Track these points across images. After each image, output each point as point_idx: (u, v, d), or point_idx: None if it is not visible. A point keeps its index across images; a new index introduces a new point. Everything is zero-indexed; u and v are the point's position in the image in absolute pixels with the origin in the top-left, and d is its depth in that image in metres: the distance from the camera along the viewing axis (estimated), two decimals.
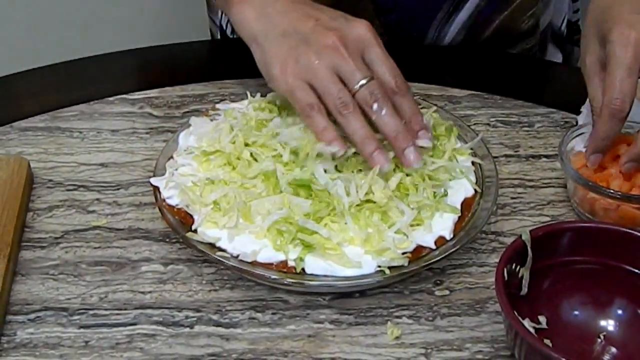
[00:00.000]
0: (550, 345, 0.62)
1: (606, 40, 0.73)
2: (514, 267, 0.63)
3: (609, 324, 0.65)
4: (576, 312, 0.65)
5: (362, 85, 0.72)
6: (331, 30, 0.74)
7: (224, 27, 1.09)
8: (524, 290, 0.64)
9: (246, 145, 0.74)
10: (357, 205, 0.69)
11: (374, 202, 0.69)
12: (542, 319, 0.64)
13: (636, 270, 0.64)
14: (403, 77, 0.74)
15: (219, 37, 1.13)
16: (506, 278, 0.61)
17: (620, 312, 0.65)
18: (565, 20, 1.09)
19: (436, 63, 1.00)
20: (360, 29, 0.74)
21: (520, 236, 0.63)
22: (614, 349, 0.63)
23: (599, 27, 0.75)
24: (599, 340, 0.64)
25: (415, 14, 0.99)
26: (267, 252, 0.67)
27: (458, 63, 1.00)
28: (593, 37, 0.76)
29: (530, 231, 0.63)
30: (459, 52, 1.02)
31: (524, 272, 0.63)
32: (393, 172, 0.71)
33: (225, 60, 1.01)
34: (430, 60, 1.01)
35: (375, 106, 0.71)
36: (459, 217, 0.71)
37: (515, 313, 0.59)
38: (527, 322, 0.61)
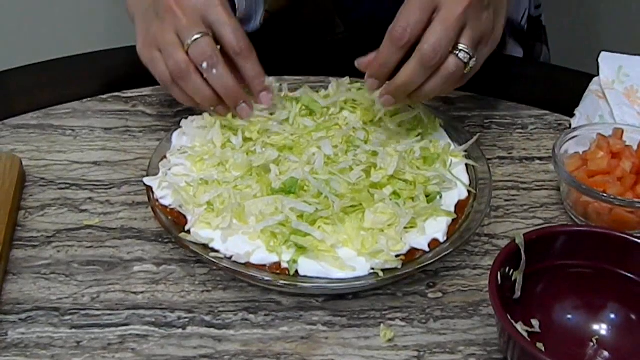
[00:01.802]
0: (543, 349, 0.62)
1: None
2: (507, 270, 0.63)
3: (601, 328, 0.65)
4: (569, 316, 0.65)
5: (195, 40, 0.74)
6: None
7: None
8: (517, 294, 0.64)
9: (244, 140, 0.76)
10: (351, 206, 0.69)
11: (369, 203, 0.69)
12: (535, 322, 0.64)
13: (629, 274, 0.64)
14: (247, 38, 0.76)
15: None
16: (499, 282, 0.61)
17: (612, 316, 0.65)
18: (526, 16, 1.09)
19: None
20: None
21: (514, 240, 0.63)
22: (606, 353, 0.64)
23: None
24: (592, 344, 0.64)
25: (374, 15, 0.99)
26: (260, 253, 0.67)
27: None
28: None
29: (524, 235, 0.63)
30: None
31: (517, 276, 0.63)
32: (387, 180, 0.71)
33: None
34: None
35: (204, 65, 0.74)
36: (453, 220, 0.71)
37: (509, 316, 0.59)
38: (520, 326, 0.61)
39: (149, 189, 0.73)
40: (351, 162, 0.73)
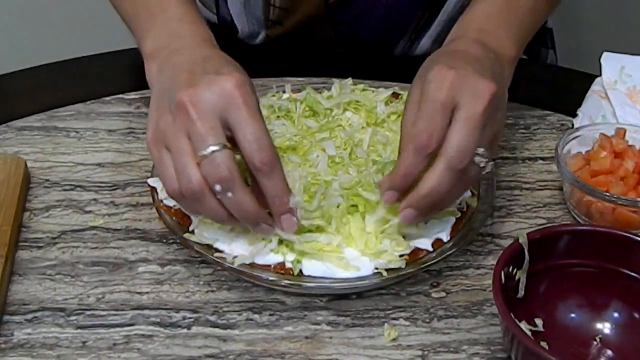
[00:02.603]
0: (547, 347, 0.62)
1: (424, 80, 0.67)
2: (510, 269, 0.63)
3: (605, 327, 0.65)
4: (572, 315, 0.66)
5: (209, 154, 0.61)
6: (189, 87, 0.63)
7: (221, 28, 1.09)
8: (521, 293, 0.64)
9: None
10: (352, 205, 0.69)
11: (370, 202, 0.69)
12: (538, 321, 0.64)
13: (632, 273, 0.64)
14: (272, 149, 0.63)
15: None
16: (503, 281, 0.61)
17: (616, 315, 0.65)
18: None
19: None
20: (225, 85, 0.63)
21: (518, 239, 0.63)
22: (609, 352, 0.64)
23: (422, 71, 0.69)
24: (595, 343, 0.64)
25: (377, 44, 0.99)
26: (264, 253, 0.67)
27: None
28: (417, 80, 0.69)
29: (527, 234, 0.63)
30: None
31: (521, 275, 0.64)
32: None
33: None
34: None
35: (217, 187, 0.62)
36: (456, 220, 0.71)
37: (512, 315, 0.59)
38: (523, 325, 0.62)
39: (153, 189, 0.73)
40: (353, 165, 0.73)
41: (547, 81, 1.00)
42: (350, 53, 0.97)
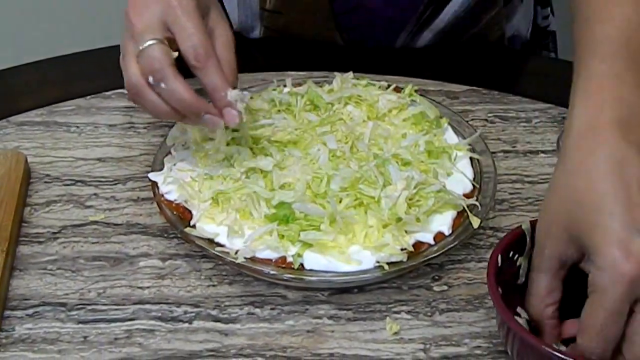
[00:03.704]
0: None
1: (588, 256, 0.56)
2: (511, 255, 0.63)
3: None
4: (568, 304, 0.65)
5: (144, 49, 0.66)
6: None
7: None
8: (521, 279, 0.64)
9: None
10: (355, 199, 0.69)
11: (372, 197, 0.69)
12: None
13: None
14: (205, 45, 0.67)
15: None
16: (499, 264, 0.61)
17: None
18: (530, 28, 1.09)
19: (432, 58, 1.00)
20: None
21: (520, 225, 0.63)
22: None
23: (571, 218, 0.57)
24: None
25: (376, 26, 0.98)
26: (266, 247, 0.67)
27: (455, 58, 1.00)
28: (560, 225, 0.57)
29: (531, 221, 0.63)
30: (455, 47, 1.02)
31: (523, 261, 0.63)
32: (405, 190, 0.69)
33: None
34: (429, 56, 1.01)
35: (150, 79, 0.67)
36: (458, 213, 0.71)
37: (500, 295, 0.59)
38: (523, 314, 0.62)
39: (154, 184, 0.73)
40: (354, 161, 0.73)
41: (549, 74, 1.00)
42: (350, 46, 0.97)
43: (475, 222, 0.70)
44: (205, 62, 0.67)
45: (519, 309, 0.61)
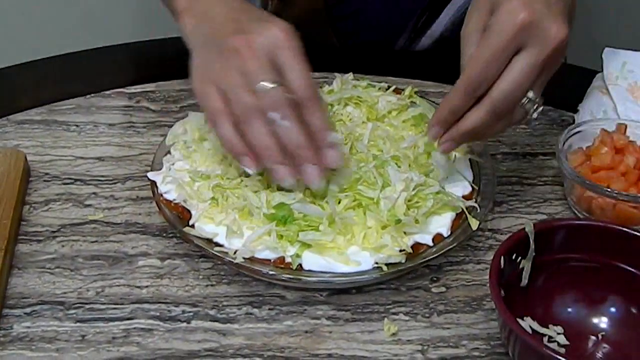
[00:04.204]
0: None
1: (494, 12, 0.66)
2: (514, 257, 0.63)
3: (602, 322, 0.65)
4: (570, 309, 0.65)
5: (265, 90, 0.66)
6: (241, 33, 0.68)
7: None
8: (524, 281, 0.64)
9: None
10: (354, 200, 0.69)
11: (371, 199, 0.69)
12: (558, 329, 0.64)
13: (631, 269, 0.64)
14: (314, 87, 0.68)
15: None
16: (502, 266, 0.61)
17: (614, 310, 0.65)
18: None
19: (432, 60, 1.00)
20: (274, 31, 0.68)
21: (524, 228, 0.63)
22: (607, 347, 0.64)
23: None
24: (593, 337, 0.64)
25: (374, 41, 0.98)
26: (264, 248, 0.67)
27: (454, 60, 1.00)
28: (484, 5, 0.68)
29: (534, 224, 0.63)
30: (455, 49, 1.01)
31: (526, 264, 0.64)
32: (404, 191, 0.69)
33: None
34: (426, 57, 1.01)
35: (276, 115, 0.66)
36: (456, 215, 0.71)
37: (504, 304, 0.59)
38: (526, 321, 0.62)
39: (153, 183, 0.73)
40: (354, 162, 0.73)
41: None
42: (349, 48, 0.97)
43: (474, 223, 0.70)
44: (315, 103, 0.67)
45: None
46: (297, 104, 0.67)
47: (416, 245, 0.68)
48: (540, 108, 0.69)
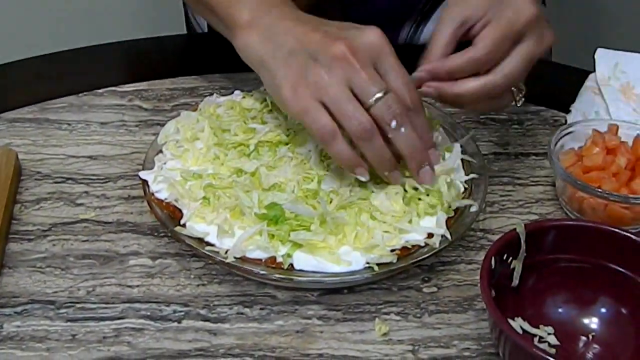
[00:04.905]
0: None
1: (504, 2, 0.72)
2: (505, 258, 0.63)
3: (593, 323, 0.65)
4: (560, 310, 0.66)
5: (377, 99, 0.67)
6: (339, 39, 0.68)
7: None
8: (515, 282, 0.64)
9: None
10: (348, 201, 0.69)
11: (365, 200, 0.69)
12: (548, 328, 0.64)
13: (622, 269, 0.65)
14: (417, 91, 0.70)
15: (206, 30, 1.12)
16: (493, 266, 0.61)
17: (605, 310, 0.65)
18: None
19: None
20: (372, 36, 0.69)
21: (515, 229, 0.63)
22: (598, 347, 0.64)
23: None
24: (583, 338, 0.64)
25: (383, 17, 0.99)
26: (256, 247, 0.67)
27: None
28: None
29: (525, 224, 0.63)
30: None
31: (517, 264, 0.64)
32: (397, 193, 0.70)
33: (215, 54, 1.00)
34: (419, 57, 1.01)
35: (393, 123, 0.67)
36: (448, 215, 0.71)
37: (495, 304, 0.59)
38: (519, 321, 0.62)
39: (145, 182, 0.73)
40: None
41: (541, 77, 1.00)
42: None
43: (466, 224, 0.70)
44: (419, 107, 0.70)
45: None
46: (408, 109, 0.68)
47: (407, 245, 0.68)
48: (524, 98, 0.76)
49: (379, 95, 0.67)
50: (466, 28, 0.73)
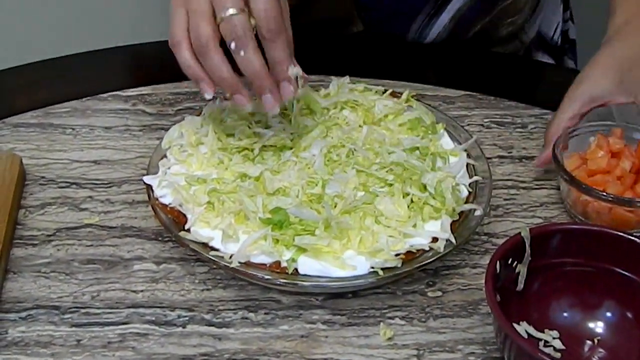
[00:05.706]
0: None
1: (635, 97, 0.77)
2: (510, 262, 0.63)
3: (598, 327, 0.65)
4: (566, 314, 0.65)
5: (228, 16, 0.68)
6: None
7: None
8: (520, 286, 0.64)
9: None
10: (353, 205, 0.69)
11: (370, 204, 0.69)
12: (553, 333, 0.64)
13: (627, 273, 0.64)
14: (278, 20, 0.69)
15: None
16: (498, 271, 0.61)
17: (610, 314, 0.65)
18: (559, 30, 1.09)
19: (429, 63, 1.00)
20: None
21: (519, 232, 0.63)
22: (603, 351, 0.64)
23: (625, 76, 0.79)
24: (589, 342, 0.64)
25: (395, 13, 0.99)
26: (260, 252, 0.67)
27: (451, 63, 1.00)
28: (612, 79, 0.79)
29: (530, 229, 0.63)
30: (452, 52, 1.02)
31: (522, 268, 0.64)
32: (403, 197, 0.70)
33: None
34: (424, 60, 1.01)
35: (232, 45, 0.68)
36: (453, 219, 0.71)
37: (500, 308, 0.59)
38: (524, 326, 0.62)
39: (149, 187, 0.73)
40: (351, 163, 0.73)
41: (545, 80, 1.00)
42: (353, 43, 0.97)
43: (471, 228, 0.70)
44: (276, 36, 0.69)
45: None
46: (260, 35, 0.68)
47: (412, 250, 0.68)
48: None
49: (231, 11, 0.68)
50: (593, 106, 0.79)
